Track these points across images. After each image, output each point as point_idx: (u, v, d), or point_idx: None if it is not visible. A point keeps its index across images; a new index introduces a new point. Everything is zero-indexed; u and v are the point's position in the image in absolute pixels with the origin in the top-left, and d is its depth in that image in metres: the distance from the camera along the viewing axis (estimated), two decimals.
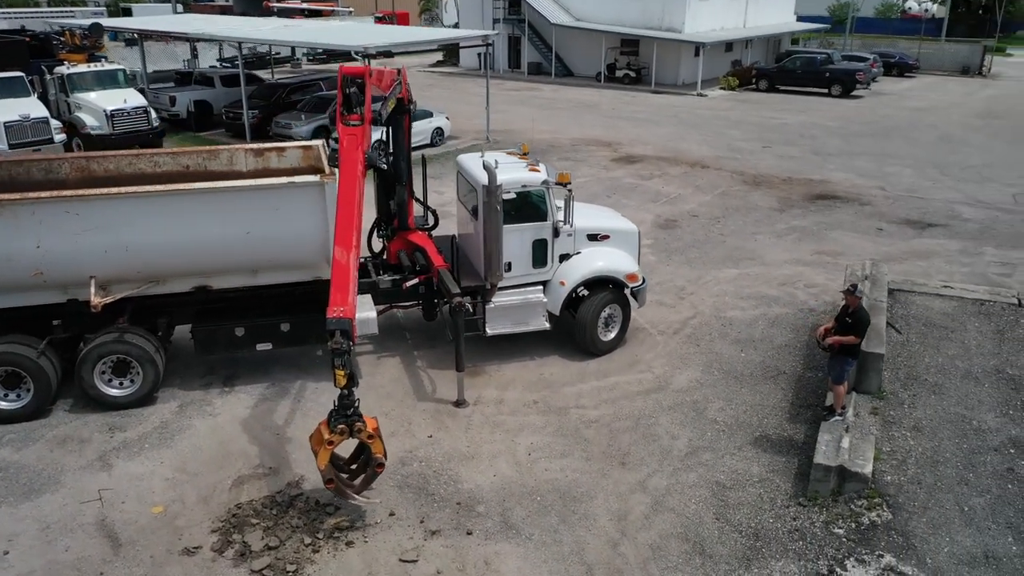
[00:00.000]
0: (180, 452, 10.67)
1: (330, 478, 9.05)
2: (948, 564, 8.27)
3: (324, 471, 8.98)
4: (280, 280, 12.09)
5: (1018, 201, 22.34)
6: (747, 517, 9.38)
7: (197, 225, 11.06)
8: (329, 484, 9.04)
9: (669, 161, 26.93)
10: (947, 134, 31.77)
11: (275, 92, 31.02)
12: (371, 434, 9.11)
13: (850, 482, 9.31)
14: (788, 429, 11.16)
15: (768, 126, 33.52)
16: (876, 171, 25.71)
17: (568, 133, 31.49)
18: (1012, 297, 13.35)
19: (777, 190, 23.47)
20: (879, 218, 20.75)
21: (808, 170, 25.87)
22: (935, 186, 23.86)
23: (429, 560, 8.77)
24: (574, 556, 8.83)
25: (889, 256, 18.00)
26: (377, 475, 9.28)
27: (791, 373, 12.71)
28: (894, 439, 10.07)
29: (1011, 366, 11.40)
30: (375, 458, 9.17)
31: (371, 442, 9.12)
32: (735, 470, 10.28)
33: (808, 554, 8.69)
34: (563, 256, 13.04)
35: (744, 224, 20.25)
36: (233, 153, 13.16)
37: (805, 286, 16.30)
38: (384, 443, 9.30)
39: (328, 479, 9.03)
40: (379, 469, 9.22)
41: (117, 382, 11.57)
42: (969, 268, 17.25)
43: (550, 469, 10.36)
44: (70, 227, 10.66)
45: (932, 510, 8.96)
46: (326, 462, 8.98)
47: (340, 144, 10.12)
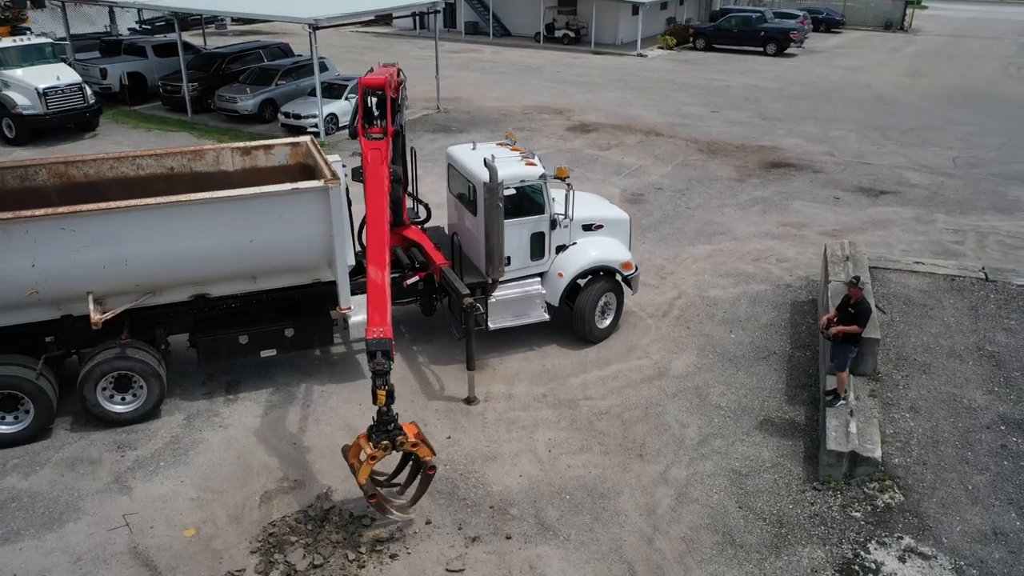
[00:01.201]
0: (199, 469, 10.53)
1: (372, 493, 9.11)
2: (962, 542, 8.95)
3: (366, 486, 9.04)
4: (279, 284, 11.89)
5: (957, 164, 23.47)
6: (767, 504, 9.90)
7: (199, 235, 10.75)
8: (371, 499, 9.10)
9: (623, 129, 27.16)
10: (881, 94, 32.91)
11: (214, 63, 29.78)
12: (415, 442, 9.18)
13: (861, 466, 9.90)
14: (789, 411, 11.72)
15: (712, 88, 34.04)
16: (822, 136, 26.55)
17: (517, 100, 31.32)
18: (979, 272, 14.17)
19: (733, 158, 24.02)
20: (834, 186, 21.52)
21: (758, 136, 26.51)
22: (880, 151, 24.82)
23: (475, 568, 8.98)
24: (613, 554, 9.18)
25: (850, 226, 18.79)
26: (431, 478, 9.38)
27: (781, 353, 13.27)
28: (895, 421, 10.71)
29: (989, 343, 12.19)
30: (425, 463, 9.25)
31: (417, 449, 9.18)
32: (747, 456, 10.78)
33: (831, 539, 9.26)
34: (559, 247, 13.19)
35: (708, 196, 20.73)
36: (219, 153, 12.74)
37: (778, 261, 16.89)
38: (429, 443, 9.38)
39: (371, 494, 9.09)
40: (431, 472, 9.31)
41: (119, 398, 11.26)
42: (925, 236, 18.17)
43: (572, 465, 10.65)
44: (67, 244, 10.23)
45: (940, 490, 9.64)
46: (367, 477, 9.03)
47: (364, 159, 9.92)
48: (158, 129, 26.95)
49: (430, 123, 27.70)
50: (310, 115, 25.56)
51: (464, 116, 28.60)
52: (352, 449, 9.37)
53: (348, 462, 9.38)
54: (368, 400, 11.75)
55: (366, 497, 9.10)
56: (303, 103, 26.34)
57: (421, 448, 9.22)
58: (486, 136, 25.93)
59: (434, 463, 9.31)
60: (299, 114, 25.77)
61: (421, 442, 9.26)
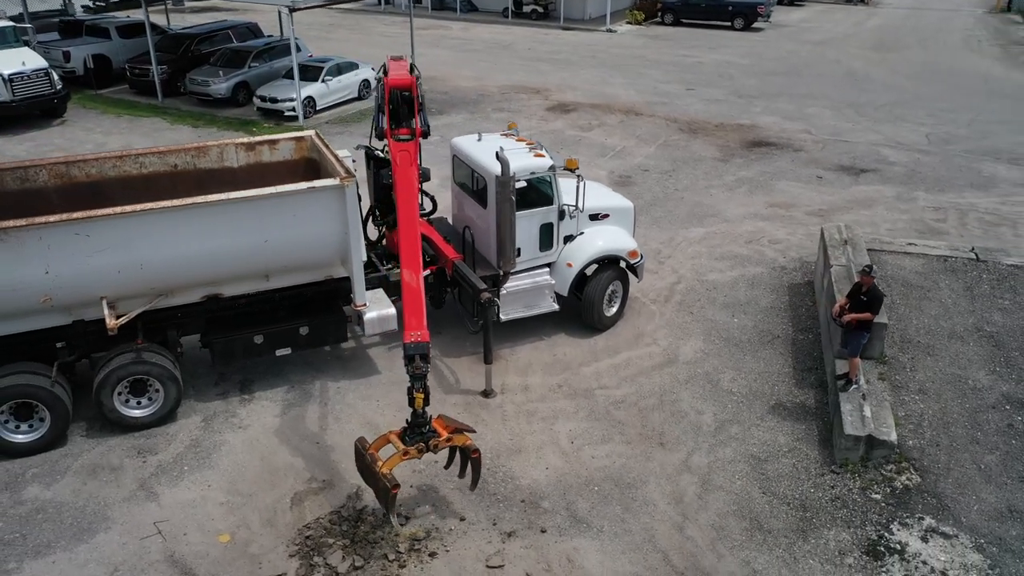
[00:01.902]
0: (224, 472, 10.47)
1: (396, 484, 9.07)
2: (980, 521, 9.36)
3: (389, 476, 8.96)
4: (292, 282, 11.80)
5: (931, 141, 24.01)
6: (789, 489, 10.21)
7: (215, 237, 10.60)
8: (395, 489, 9.03)
9: (602, 108, 27.19)
10: (851, 70, 33.37)
11: (181, 44, 28.99)
12: (448, 437, 9.27)
13: (878, 449, 10.25)
14: (798, 395, 12.04)
15: (684, 65, 34.17)
16: (798, 113, 26.90)
17: (493, 79, 31.11)
18: (969, 252, 14.61)
19: (714, 137, 24.25)
20: (815, 165, 21.89)
21: (736, 114, 26.75)
22: (856, 128, 25.25)
23: (515, 563, 9.14)
24: (647, 544, 9.41)
25: (835, 206, 19.18)
26: (479, 462, 9.56)
27: (784, 336, 13.59)
28: (905, 404, 11.08)
29: (987, 323, 12.63)
30: (467, 449, 9.40)
31: (454, 442, 9.27)
32: (764, 441, 11.08)
33: (855, 521, 9.61)
34: (567, 237, 13.28)
35: (695, 178, 20.94)
36: (223, 149, 12.52)
37: (770, 242, 17.20)
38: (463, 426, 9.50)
39: (395, 484, 9.04)
40: (475, 455, 9.47)
41: (135, 402, 11.12)
42: (908, 215, 18.63)
43: (596, 456, 10.84)
44: (81, 249, 10.02)
45: (955, 470, 10.04)
46: (391, 469, 9.03)
47: (393, 161, 9.83)
48: (128, 115, 26.23)
49: None
50: (287, 98, 25.10)
51: (441, 97, 28.32)
52: (376, 441, 9.39)
53: (365, 451, 9.31)
54: (386, 396, 11.96)
55: (388, 487, 8.94)
56: (279, 86, 25.84)
57: (457, 438, 9.32)
58: (466, 117, 25.82)
59: (476, 446, 9.47)
60: (275, 97, 25.29)
61: (454, 432, 9.35)
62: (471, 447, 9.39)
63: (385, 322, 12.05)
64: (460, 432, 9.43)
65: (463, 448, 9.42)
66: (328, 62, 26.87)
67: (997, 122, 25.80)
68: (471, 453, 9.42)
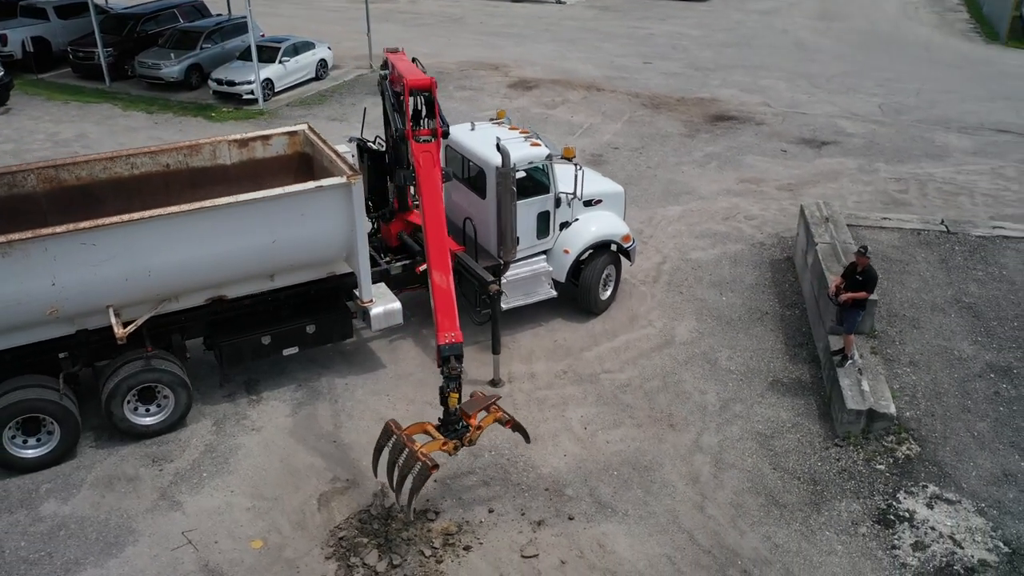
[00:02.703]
0: (245, 477, 10.45)
1: (436, 464, 9.17)
2: (979, 486, 10.00)
3: (426, 459, 9.03)
4: (296, 281, 11.71)
5: (884, 111, 24.83)
6: (798, 464, 10.70)
7: (223, 239, 10.46)
8: (434, 469, 9.12)
9: (564, 84, 27.25)
10: (800, 40, 34.07)
11: (126, 25, 27.89)
12: (479, 425, 9.46)
13: (878, 422, 10.80)
14: (793, 371, 12.54)
15: (638, 37, 34.38)
16: (754, 85, 27.42)
17: (450, 55, 30.78)
18: (940, 225, 15.31)
19: (677, 113, 24.59)
20: (778, 138, 22.44)
21: (694, 87, 27.13)
22: (811, 99, 25.91)
23: (548, 552, 9.40)
24: (672, 525, 9.78)
25: (803, 180, 19.75)
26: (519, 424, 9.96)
27: (773, 313, 14.07)
28: (899, 376, 11.67)
29: (965, 295, 13.32)
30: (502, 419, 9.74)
31: (484, 426, 9.50)
32: (768, 418, 11.54)
33: (863, 492, 10.15)
34: (563, 224, 13.45)
35: (665, 154, 21.27)
36: (216, 146, 12.27)
37: (745, 219, 17.67)
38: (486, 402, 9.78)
39: (434, 464, 9.11)
40: (509, 424, 9.82)
41: (144, 409, 10.96)
42: (872, 187, 19.33)
43: (611, 441, 11.14)
44: (88, 259, 9.78)
45: (951, 439, 10.66)
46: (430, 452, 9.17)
47: (416, 163, 9.77)
48: (76, 101, 25.23)
49: (368, 84, 26.90)
50: (244, 81, 24.47)
51: None
52: (411, 427, 9.50)
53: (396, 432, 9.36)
54: (395, 390, 12.10)
55: (427, 467, 9.01)
56: (235, 68, 25.14)
57: (485, 421, 9.52)
58: None
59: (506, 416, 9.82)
60: (232, 80, 24.62)
61: (484, 411, 9.60)
62: (503, 419, 9.62)
63: (391, 316, 12.08)
64: (487, 412, 9.61)
65: (499, 420, 9.68)
66: (284, 42, 26.23)
67: (942, 91, 26.77)
68: (505, 424, 9.66)
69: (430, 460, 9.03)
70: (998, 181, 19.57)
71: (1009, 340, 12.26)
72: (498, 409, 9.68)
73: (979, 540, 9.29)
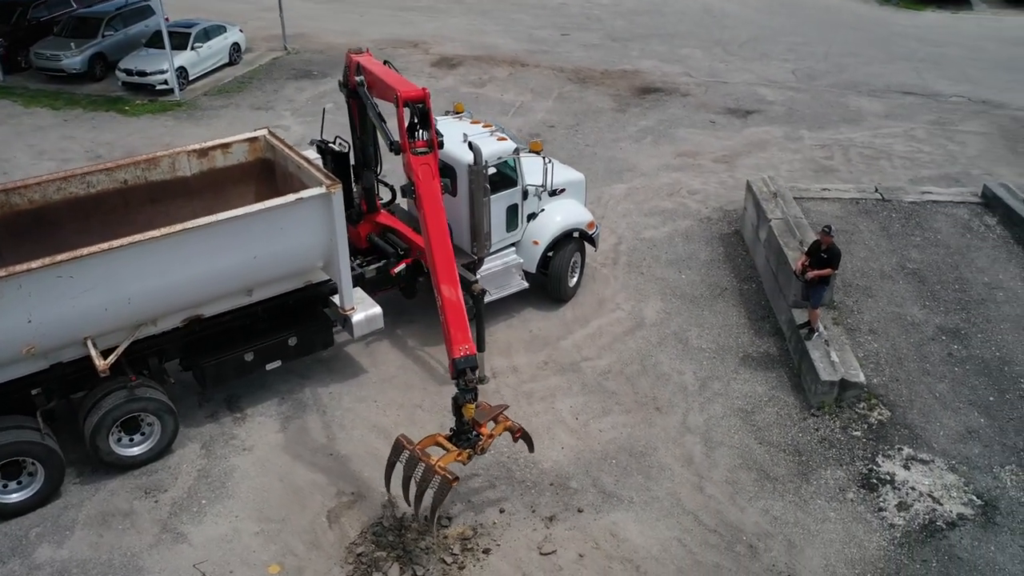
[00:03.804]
0: (246, 500, 10.25)
1: (456, 476, 9.31)
2: (948, 444, 10.85)
3: (445, 473, 9.15)
4: (274, 293, 11.43)
5: (798, 77, 25.85)
6: (780, 436, 11.31)
7: (204, 259, 10.10)
8: (454, 481, 9.23)
9: (487, 61, 27.08)
10: (708, 5, 34.76)
11: (14, 11, 25.90)
12: (490, 433, 9.58)
13: (849, 391, 11.52)
14: (760, 344, 13.16)
15: (550, 7, 34.34)
16: (672, 55, 27.96)
17: (366, 33, 29.96)
18: (874, 193, 16.23)
19: (604, 87, 24.88)
20: (705, 109, 23.07)
21: (616, 59, 27.45)
22: (729, 68, 26.68)
23: (564, 545, 9.69)
24: (676, 508, 10.23)
25: (735, 151, 20.45)
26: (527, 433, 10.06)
27: (731, 288, 14.66)
28: (861, 345, 12.43)
29: (908, 261, 14.23)
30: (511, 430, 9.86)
31: (495, 434, 9.59)
32: (745, 394, 12.11)
33: (844, 459, 10.85)
34: (530, 216, 13.57)
35: (600, 131, 21.56)
36: (175, 158, 11.75)
37: (689, 194, 18.21)
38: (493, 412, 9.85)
39: (454, 477, 9.25)
40: (519, 433, 9.96)
41: (128, 439, 10.56)
42: (800, 155, 20.21)
43: (603, 429, 11.48)
44: (66, 292, 9.29)
45: (916, 402, 11.49)
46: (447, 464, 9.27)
47: (415, 176, 9.59)
48: None
49: (287, 68, 26.11)
50: (157, 70, 23.19)
51: (319, 57, 27.16)
52: (423, 441, 9.54)
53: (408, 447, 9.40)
54: (382, 395, 12.12)
55: (447, 481, 9.11)
56: (144, 56, 23.80)
57: (496, 429, 9.64)
58: None
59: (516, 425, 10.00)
60: (144, 70, 23.29)
61: (492, 421, 9.67)
62: (513, 428, 9.77)
63: (373, 322, 11.98)
64: (495, 422, 9.74)
65: (509, 429, 9.80)
66: (194, 26, 24.96)
67: (848, 54, 28.03)
68: (515, 433, 9.81)
69: (450, 473, 9.11)
70: (911, 143, 20.80)
71: (953, 303, 13.22)
72: (507, 419, 9.81)
73: (955, 496, 10.13)
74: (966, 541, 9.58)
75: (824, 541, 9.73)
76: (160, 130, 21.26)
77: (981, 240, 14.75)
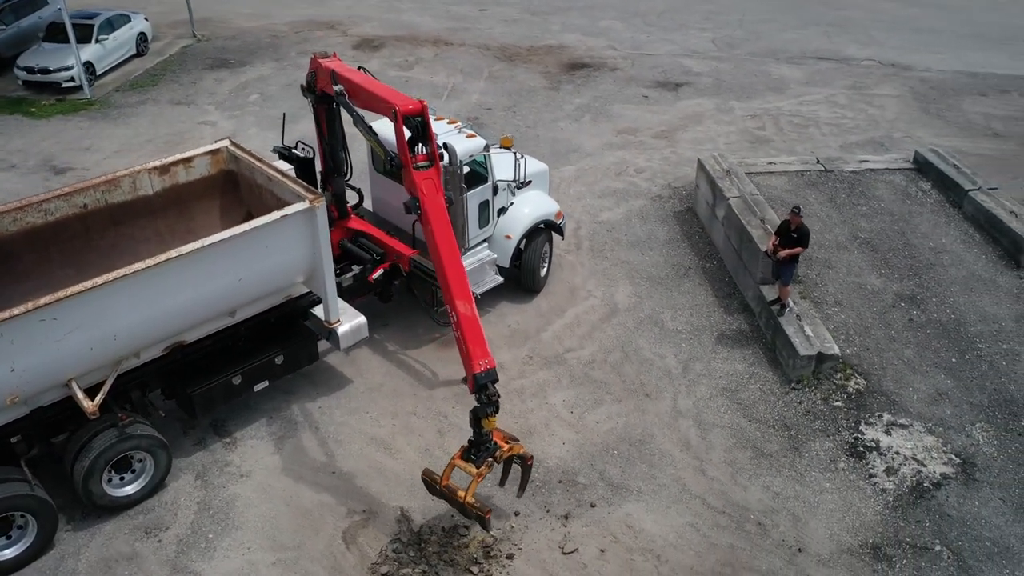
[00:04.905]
0: (256, 529, 9.97)
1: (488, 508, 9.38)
2: (922, 407, 11.55)
3: (476, 504, 9.29)
4: (256, 312, 11.03)
5: (718, 46, 26.43)
6: (767, 412, 11.79)
7: (191, 287, 9.65)
8: (487, 514, 9.36)
9: (409, 41, 26.53)
10: None
11: None
12: (510, 446, 9.59)
13: (826, 363, 12.08)
14: (732, 322, 13.60)
15: None
16: (593, 28, 28.05)
17: (276, 16, 28.86)
18: (816, 164, 16.88)
19: (533, 64, 24.79)
20: (635, 84, 23.34)
21: (538, 34, 27.35)
22: (651, 39, 27.01)
23: (585, 543, 9.87)
24: (683, 493, 10.56)
25: (672, 125, 20.83)
26: (530, 469, 9.87)
27: (694, 267, 15.05)
28: (830, 317, 13.02)
29: (859, 231, 14.92)
30: (523, 456, 9.73)
31: (514, 450, 9.58)
32: (727, 373, 12.54)
33: (830, 429, 11.42)
34: (500, 210, 13.51)
35: (538, 111, 21.52)
36: (135, 177, 11.09)
37: (636, 172, 18.48)
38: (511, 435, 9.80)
39: (487, 509, 9.33)
40: (530, 462, 9.82)
41: (119, 479, 10.07)
42: (734, 126, 20.77)
43: (600, 421, 11.68)
44: (49, 336, 8.72)
45: (888, 368, 12.16)
46: (473, 495, 9.31)
47: (420, 191, 9.31)
48: None
49: (200, 57, 24.85)
50: (62, 67, 21.67)
51: (233, 44, 25.98)
52: (445, 472, 9.52)
53: (438, 486, 9.51)
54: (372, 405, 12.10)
55: (481, 513, 9.36)
56: (45, 52, 22.17)
57: (515, 447, 9.67)
58: (275, 67, 24.12)
59: (531, 454, 9.86)
60: (47, 67, 21.71)
61: (510, 440, 9.68)
62: (527, 455, 9.79)
63: (358, 332, 11.74)
64: (513, 439, 9.75)
65: (520, 456, 9.76)
66: (96, 17, 23.37)
67: (761, 21, 28.82)
68: (527, 460, 9.80)
69: (482, 509, 9.24)
70: (835, 109, 21.69)
71: (905, 269, 13.99)
72: (522, 446, 9.75)
73: (936, 456, 10.85)
74: (952, 499, 10.30)
75: (825, 512, 10.26)
76: (76, 133, 19.95)
77: (920, 205, 15.61)
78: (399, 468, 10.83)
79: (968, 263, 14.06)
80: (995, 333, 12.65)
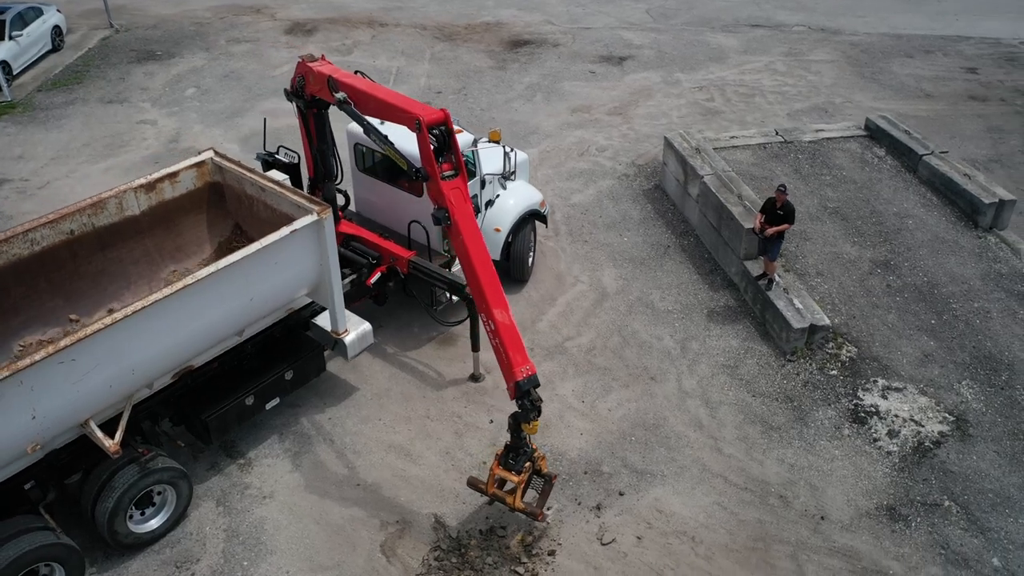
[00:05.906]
0: (290, 552, 9.78)
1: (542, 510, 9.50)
2: (912, 370, 12.18)
3: (527, 508, 9.39)
4: (262, 327, 10.71)
5: (654, 17, 26.67)
6: (768, 386, 12.22)
7: (206, 311, 9.30)
8: (540, 517, 9.48)
9: (343, 23, 25.76)
10: None
11: None
12: (542, 455, 9.66)
13: (817, 334, 12.58)
14: (719, 298, 13.97)
15: None
16: (528, 2, 27.79)
17: (195, 2, 27.48)
18: (775, 136, 17.35)
19: (474, 43, 24.47)
20: (580, 59, 23.35)
21: (474, 11, 26.96)
22: (586, 12, 27.00)
23: (621, 531, 10.09)
24: (705, 473, 10.89)
25: (623, 101, 21.00)
26: (552, 487, 9.91)
27: (673, 245, 15.34)
28: (814, 288, 13.52)
29: (828, 200, 15.47)
30: (547, 474, 9.78)
31: (543, 464, 9.66)
32: (723, 350, 12.91)
33: (829, 398, 11.94)
34: (487, 203, 13.43)
35: (489, 93, 21.32)
36: (121, 197, 10.52)
37: (598, 151, 18.59)
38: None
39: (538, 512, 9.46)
40: (554, 480, 9.88)
41: (139, 514, 9.69)
42: (684, 99, 21.10)
43: (612, 408, 11.87)
44: (68, 377, 8.27)
45: (876, 335, 12.75)
46: (522, 499, 9.39)
47: (448, 202, 9.06)
48: None
49: (123, 50, 23.50)
50: None
51: (155, 34, 24.66)
52: (488, 482, 9.53)
53: (487, 494, 9.55)
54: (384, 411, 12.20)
55: (535, 518, 9.45)
56: None
57: (542, 461, 9.74)
58: (207, 58, 23.08)
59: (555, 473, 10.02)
60: None
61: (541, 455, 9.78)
62: (553, 473, 9.87)
63: (364, 339, 11.53)
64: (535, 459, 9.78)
65: (544, 473, 9.71)
66: (7, 12, 21.79)
67: None
68: (551, 479, 9.82)
69: (532, 513, 9.38)
70: (776, 77, 22.27)
71: (876, 236, 14.63)
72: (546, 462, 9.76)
73: (932, 416, 11.50)
74: (952, 456, 10.97)
75: (839, 479, 10.78)
76: (3, 140, 18.67)
77: (878, 172, 16.29)
78: (424, 474, 10.78)
79: (931, 226, 14.81)
80: (965, 293, 13.41)
